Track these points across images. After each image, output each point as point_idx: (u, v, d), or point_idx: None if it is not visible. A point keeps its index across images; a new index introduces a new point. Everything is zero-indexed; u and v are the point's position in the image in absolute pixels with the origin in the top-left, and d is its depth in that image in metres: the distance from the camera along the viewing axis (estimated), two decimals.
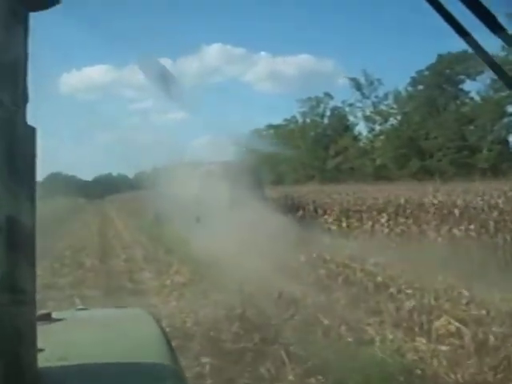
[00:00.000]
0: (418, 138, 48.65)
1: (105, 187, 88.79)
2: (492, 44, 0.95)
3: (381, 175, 47.41)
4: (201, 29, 77.34)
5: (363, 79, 57.00)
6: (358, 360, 6.10)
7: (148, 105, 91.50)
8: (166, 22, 61.95)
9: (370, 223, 16.08)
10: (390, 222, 15.45)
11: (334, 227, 18.26)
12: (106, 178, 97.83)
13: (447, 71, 49.45)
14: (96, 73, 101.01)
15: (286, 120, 68.87)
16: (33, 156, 1.05)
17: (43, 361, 1.13)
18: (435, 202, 14.84)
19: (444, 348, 6.78)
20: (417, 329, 7.54)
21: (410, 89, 54.30)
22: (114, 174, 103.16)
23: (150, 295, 10.62)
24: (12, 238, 0.97)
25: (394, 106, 55.85)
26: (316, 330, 7.41)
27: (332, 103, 64.93)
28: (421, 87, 53.18)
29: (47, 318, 1.59)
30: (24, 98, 1.04)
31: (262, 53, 79.12)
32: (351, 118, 62.14)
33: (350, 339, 6.90)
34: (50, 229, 22.44)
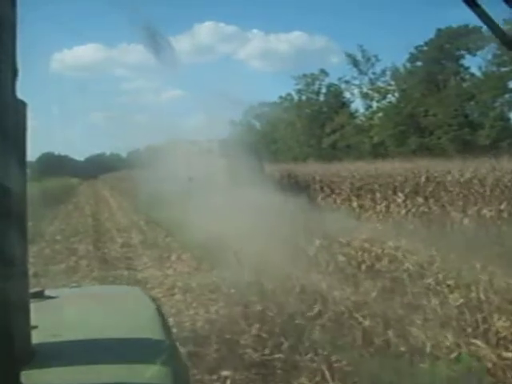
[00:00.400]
0: (417, 115, 47.36)
1: (98, 166, 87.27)
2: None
3: (378, 153, 46.15)
4: (193, 6, 75.44)
5: (360, 55, 55.61)
6: (418, 376, 4.87)
7: (140, 84, 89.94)
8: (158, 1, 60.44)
9: (385, 203, 14.75)
10: (407, 202, 14.12)
11: (344, 207, 16.95)
12: (99, 158, 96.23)
13: (447, 46, 48.02)
14: (87, 51, 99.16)
15: (280, 98, 67.39)
16: (23, 129, 1.06)
17: (37, 337, 1.12)
18: (461, 179, 13.51)
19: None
20: (470, 330, 6.32)
21: (408, 65, 52.89)
22: (107, 153, 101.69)
23: (151, 286, 9.37)
24: (4, 209, 0.96)
25: (392, 83, 54.42)
26: (354, 333, 6.17)
27: (327, 80, 63.81)
28: (420, 63, 51.73)
29: (40, 295, 1.57)
30: (13, 72, 1.02)
31: (255, 30, 77.51)
32: (347, 95, 60.87)
33: (402, 348, 5.62)
34: (41, 211, 21.18)
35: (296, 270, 9.37)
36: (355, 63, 56.24)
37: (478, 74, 45.39)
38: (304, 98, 65.69)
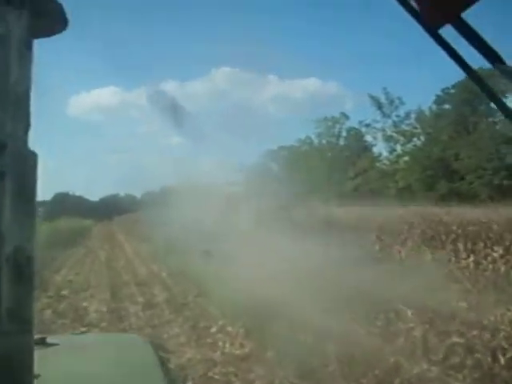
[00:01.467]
0: (446, 159, 44.29)
1: (112, 208, 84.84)
2: None
3: (404, 198, 42.99)
4: (210, 53, 73.77)
5: (383, 98, 53.11)
6: None
7: (154, 127, 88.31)
8: (176, 46, 58.89)
9: (473, 257, 11.54)
10: (509, 257, 10.88)
11: (410, 260, 13.73)
12: (114, 199, 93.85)
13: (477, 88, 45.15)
14: (104, 95, 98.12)
15: (299, 141, 64.85)
16: (34, 183, 1.01)
17: None
18: None
19: None
20: None
21: (434, 107, 50.23)
22: (122, 194, 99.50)
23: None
24: (17, 268, 0.93)
25: (417, 126, 51.66)
26: None
27: (347, 124, 61.45)
28: (447, 106, 48.97)
29: (42, 342, 1.58)
30: (26, 125, 1.00)
31: (271, 76, 75.76)
32: (369, 139, 58.22)
33: None
34: (48, 256, 18.18)
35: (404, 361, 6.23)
36: (379, 106, 53.70)
37: None
38: (324, 141, 63.35)
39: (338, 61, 70.84)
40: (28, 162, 0.95)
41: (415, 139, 50.43)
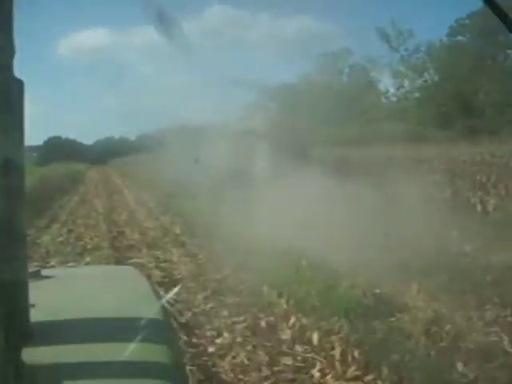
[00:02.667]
0: (463, 94, 40.48)
1: (107, 151, 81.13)
2: None
3: (416, 136, 39.42)
4: None
5: (391, 30, 48.82)
6: None
7: (150, 68, 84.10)
8: None
9: None
10: None
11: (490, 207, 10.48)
12: (108, 142, 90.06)
13: (495, 19, 40.89)
14: (97, 36, 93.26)
15: (299, 77, 60.60)
16: (21, 107, 1.06)
17: (35, 316, 1.10)
18: None
19: None
20: None
21: (445, 40, 46.10)
22: (116, 137, 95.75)
23: None
24: (8, 179, 0.98)
25: (427, 60, 47.59)
26: None
27: (351, 60, 57.43)
28: (461, 38, 44.80)
29: (37, 275, 1.53)
30: (10, 52, 1.04)
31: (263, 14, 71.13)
32: (374, 75, 54.24)
33: None
34: (38, 206, 14.79)
35: None
36: (387, 38, 49.44)
37: None
38: (326, 78, 59.31)
39: None
40: (15, 88, 1.00)
41: (426, 74, 46.49)
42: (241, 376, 4.46)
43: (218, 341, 5.32)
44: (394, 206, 10.45)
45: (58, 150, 71.67)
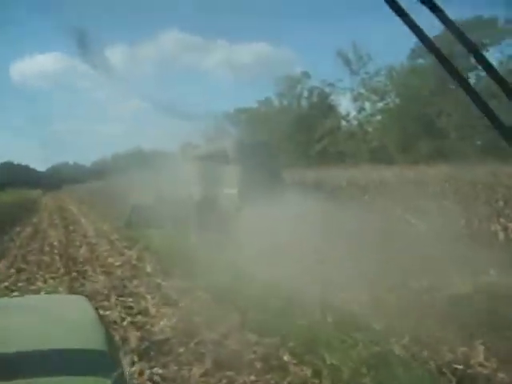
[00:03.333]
0: (427, 116, 39.73)
1: (61, 177, 78.05)
2: None
3: (378, 159, 38.30)
4: (157, 15, 66.97)
5: (351, 54, 48.15)
6: None
7: (103, 94, 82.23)
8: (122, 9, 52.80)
9: None
10: None
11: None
12: (62, 168, 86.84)
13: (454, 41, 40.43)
14: (48, 61, 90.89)
15: (259, 102, 59.35)
16: None
17: None
18: None
19: None
20: None
21: (405, 64, 45.56)
22: (71, 162, 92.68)
23: None
24: None
25: (388, 83, 46.96)
26: None
27: (309, 84, 56.45)
28: (421, 60, 44.21)
29: None
30: None
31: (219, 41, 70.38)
32: (334, 98, 53.39)
33: None
34: None
35: None
36: (347, 62, 48.66)
37: (501, 68, 38.01)
38: (285, 102, 58.28)
39: (288, 23, 65.18)
40: None
41: (387, 97, 45.73)
42: None
43: None
44: (408, 238, 8.78)
45: (10, 175, 68.30)
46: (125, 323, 6.58)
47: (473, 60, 1.02)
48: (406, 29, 1.09)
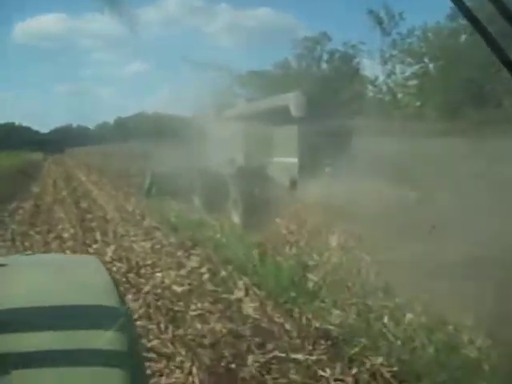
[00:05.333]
0: (474, 82, 34.19)
1: (64, 140, 72.61)
2: None
3: (414, 128, 32.88)
4: None
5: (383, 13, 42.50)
6: None
7: (106, 56, 77.09)
8: None
9: None
10: None
11: None
12: (65, 130, 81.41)
13: None
14: (52, 21, 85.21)
15: (275, 64, 53.53)
16: None
17: None
18: None
19: None
20: None
21: (443, 23, 39.90)
22: (74, 125, 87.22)
23: None
24: None
25: (422, 45, 41.29)
26: None
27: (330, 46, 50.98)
28: (463, 21, 38.40)
29: None
30: None
31: (223, 4, 65.15)
32: (359, 61, 47.90)
33: None
34: None
35: None
36: (379, 20, 42.94)
37: None
38: (304, 64, 52.68)
39: None
40: None
41: (426, 59, 40.14)
42: None
43: None
44: None
45: (10, 137, 62.89)
46: None
47: None
48: None
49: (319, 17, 64.90)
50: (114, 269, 6.81)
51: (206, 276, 6.53)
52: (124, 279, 6.40)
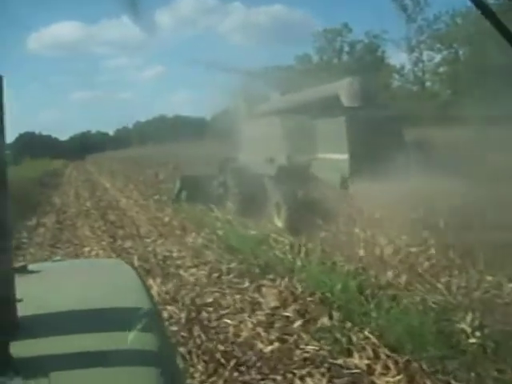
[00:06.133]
0: (510, 67, 31.71)
1: (84, 146, 71.36)
2: None
3: (449, 116, 30.57)
4: None
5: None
6: None
7: (122, 61, 76.37)
8: None
9: None
10: None
11: None
12: (84, 137, 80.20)
13: None
14: (68, 29, 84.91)
15: (296, 58, 51.73)
16: (1, 102, 0.97)
17: (22, 310, 1.04)
18: None
19: None
20: None
21: (470, 6, 37.38)
22: (93, 131, 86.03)
23: None
24: None
25: (451, 30, 38.91)
26: None
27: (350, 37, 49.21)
28: (493, 0, 35.97)
29: (23, 269, 1.38)
30: None
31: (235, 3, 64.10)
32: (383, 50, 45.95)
33: None
34: None
35: None
36: (403, 8, 40.74)
37: None
38: (325, 57, 50.74)
39: None
40: None
41: (455, 45, 37.80)
42: None
43: None
44: None
45: (32, 146, 61.71)
46: None
47: None
48: None
49: (338, 8, 62.64)
50: (166, 315, 4.86)
51: (298, 324, 4.56)
52: (186, 334, 4.45)
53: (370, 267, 5.64)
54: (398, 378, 3.51)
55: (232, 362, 3.90)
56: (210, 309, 5.17)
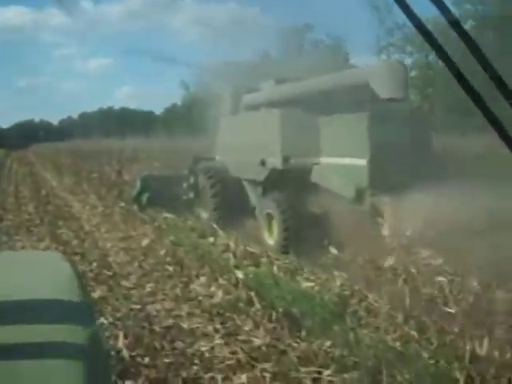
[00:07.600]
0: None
1: (27, 135, 66.51)
2: None
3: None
4: None
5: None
6: None
7: (71, 50, 72.43)
8: None
9: None
10: None
11: None
12: (28, 125, 75.07)
13: None
14: (11, 14, 79.67)
15: (255, 54, 49.09)
16: None
17: None
18: None
19: None
20: None
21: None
22: (37, 120, 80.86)
23: None
24: None
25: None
26: None
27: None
28: (469, 6, 34.41)
29: None
30: None
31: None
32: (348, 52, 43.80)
33: None
34: None
35: None
36: (376, 8, 38.67)
37: None
38: (284, 55, 48.46)
39: None
40: None
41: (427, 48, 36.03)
42: None
43: None
44: None
45: None
46: None
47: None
48: None
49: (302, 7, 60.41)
50: None
51: None
52: None
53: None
54: None
55: None
56: None
